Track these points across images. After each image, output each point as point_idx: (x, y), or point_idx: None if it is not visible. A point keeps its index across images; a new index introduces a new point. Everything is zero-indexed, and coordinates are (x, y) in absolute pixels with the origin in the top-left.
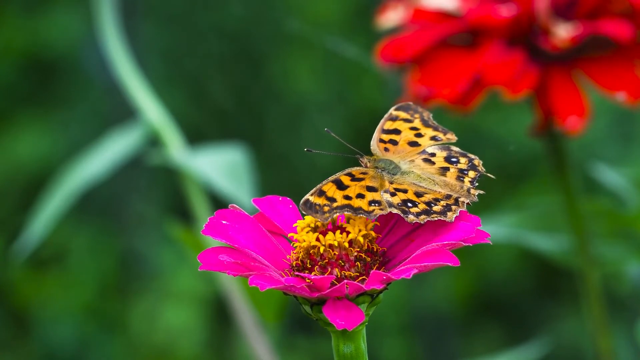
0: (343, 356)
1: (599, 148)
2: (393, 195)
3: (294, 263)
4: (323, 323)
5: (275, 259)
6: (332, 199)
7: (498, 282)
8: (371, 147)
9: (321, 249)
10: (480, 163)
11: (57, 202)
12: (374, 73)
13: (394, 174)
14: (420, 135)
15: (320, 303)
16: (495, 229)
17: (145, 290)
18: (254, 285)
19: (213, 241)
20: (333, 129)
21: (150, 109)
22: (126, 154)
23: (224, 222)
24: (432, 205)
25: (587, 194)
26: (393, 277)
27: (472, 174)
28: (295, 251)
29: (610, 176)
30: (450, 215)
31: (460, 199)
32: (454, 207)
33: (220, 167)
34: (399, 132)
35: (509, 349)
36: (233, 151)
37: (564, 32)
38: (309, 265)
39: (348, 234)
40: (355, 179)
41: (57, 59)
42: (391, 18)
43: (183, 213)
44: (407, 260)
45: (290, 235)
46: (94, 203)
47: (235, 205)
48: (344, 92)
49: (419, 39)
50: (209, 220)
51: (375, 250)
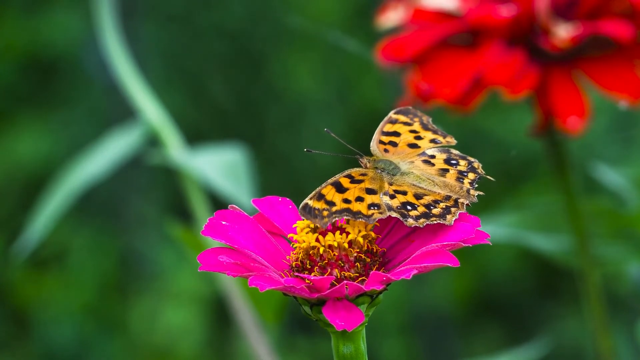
0: (343, 357)
1: (599, 148)
2: (392, 197)
3: (294, 264)
4: (323, 324)
5: (274, 259)
6: (332, 203)
7: (498, 282)
8: (371, 148)
9: (321, 250)
10: (480, 166)
11: (57, 202)
12: (374, 70)
13: (394, 175)
14: (419, 137)
15: (320, 304)
16: (495, 229)
17: (145, 290)
18: (253, 285)
19: (213, 241)
20: (333, 129)
21: (150, 109)
22: (126, 153)
23: (223, 223)
24: (432, 208)
25: (588, 194)
26: (393, 278)
27: (472, 176)
28: (294, 252)
29: (611, 176)
30: (450, 219)
31: (460, 200)
32: (453, 210)
33: (219, 167)
34: (398, 135)
35: (509, 349)
36: (233, 151)
37: (564, 32)
38: (308, 266)
39: (348, 234)
40: (354, 180)
41: (57, 59)
42: (391, 18)
43: (183, 213)
44: (407, 260)
45: (289, 235)
46: (94, 203)
47: (234, 205)
48: (344, 92)
49: (419, 39)
50: (208, 220)
51: (375, 250)
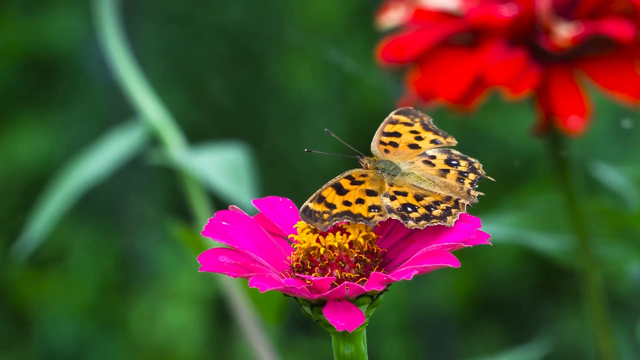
0: (343, 357)
1: (600, 148)
2: (393, 199)
3: (294, 264)
4: (323, 324)
5: (275, 260)
6: (332, 205)
7: (498, 282)
8: (371, 149)
9: (321, 250)
10: (481, 166)
11: (57, 202)
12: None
13: (394, 175)
14: (420, 138)
15: (320, 304)
16: (496, 229)
17: (145, 290)
18: (254, 286)
19: (213, 241)
20: (333, 129)
21: (150, 108)
22: (126, 153)
23: (224, 223)
24: (432, 209)
25: (588, 193)
26: (393, 279)
27: (472, 177)
28: (295, 252)
29: (611, 176)
30: (450, 220)
31: (461, 201)
32: (453, 211)
33: (220, 167)
34: (399, 135)
35: (509, 349)
36: (233, 151)
37: (565, 32)
38: (309, 267)
39: (348, 235)
40: (355, 182)
41: (57, 58)
42: (392, 18)
43: (183, 213)
44: (408, 261)
45: (290, 236)
46: (94, 203)
47: (235, 206)
48: (344, 92)
49: (420, 39)
50: (209, 221)
51: (375, 251)
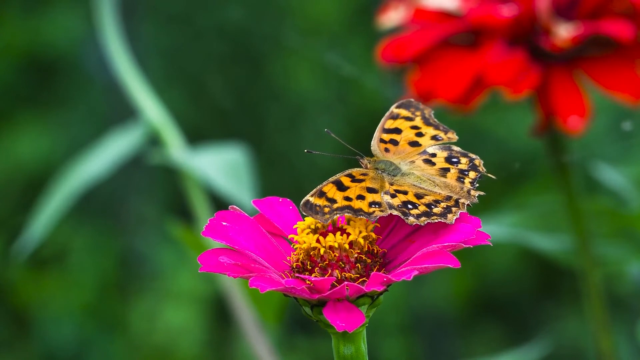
0: (343, 357)
1: (599, 148)
2: (393, 196)
3: (294, 264)
4: (323, 325)
5: (275, 260)
6: (333, 200)
7: (498, 282)
8: (371, 147)
9: (321, 251)
10: (481, 163)
11: (58, 202)
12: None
13: (394, 175)
14: (421, 134)
15: (320, 305)
16: (496, 229)
17: (145, 290)
18: (254, 287)
19: (214, 241)
20: (333, 129)
21: (150, 108)
22: (126, 153)
23: (224, 224)
24: (433, 207)
25: (588, 193)
26: (393, 279)
27: (473, 175)
28: (295, 253)
29: (611, 176)
30: (451, 217)
31: (461, 201)
32: (454, 209)
33: (220, 167)
34: (399, 132)
35: (509, 349)
36: (233, 151)
37: (565, 32)
38: (309, 267)
39: (348, 235)
40: (355, 180)
41: (57, 58)
42: (392, 18)
43: (183, 213)
44: (408, 261)
45: (290, 236)
46: (94, 203)
47: (235, 206)
48: (343, 92)
49: (420, 39)
50: (209, 221)
51: (375, 251)
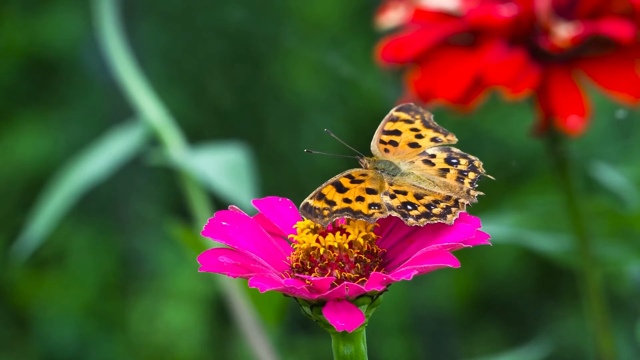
0: (343, 357)
1: (599, 148)
2: (393, 197)
3: (294, 264)
4: (323, 324)
5: (275, 260)
6: (332, 202)
7: (498, 282)
8: (371, 148)
9: (321, 251)
10: (481, 164)
11: (58, 202)
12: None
13: (394, 175)
14: (420, 136)
15: (320, 304)
16: (496, 229)
17: (145, 290)
18: (254, 286)
19: (213, 241)
20: (333, 129)
21: (150, 108)
22: (126, 153)
23: (223, 224)
24: (432, 207)
25: (588, 193)
26: (393, 279)
27: (472, 176)
28: (295, 252)
29: (611, 176)
30: (450, 218)
31: (460, 200)
32: (453, 210)
33: (220, 167)
34: (399, 134)
35: (509, 349)
36: (233, 151)
37: (564, 32)
38: (308, 267)
39: (348, 235)
40: (354, 181)
41: (57, 59)
42: (392, 18)
43: (183, 213)
44: (407, 261)
45: (290, 236)
46: (94, 203)
47: (234, 206)
48: (343, 93)
49: (419, 39)
50: (208, 221)
51: (375, 251)
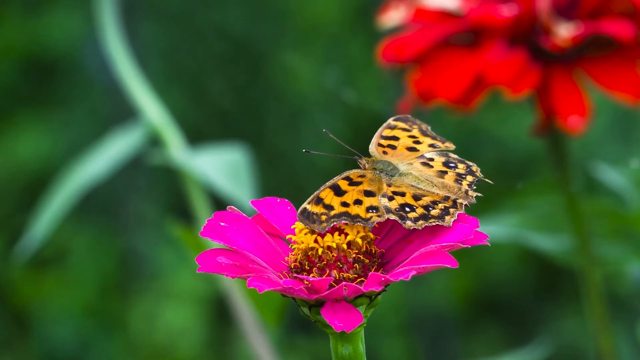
0: (341, 358)
1: (600, 147)
2: (391, 199)
3: (292, 265)
4: (321, 325)
5: (273, 260)
6: (330, 207)
7: (498, 282)
8: (370, 151)
9: (319, 251)
10: (478, 170)
11: (59, 203)
12: (375, 72)
13: (392, 176)
14: (418, 142)
15: (318, 305)
16: (496, 229)
17: (145, 290)
18: (252, 287)
19: (213, 242)
20: (333, 129)
21: (151, 108)
22: (127, 154)
23: (222, 224)
24: (430, 209)
25: (588, 193)
26: (391, 279)
27: (470, 178)
28: (293, 253)
29: (611, 176)
30: (449, 220)
31: (459, 201)
32: (452, 211)
33: (220, 167)
34: (397, 139)
35: (509, 349)
36: (233, 151)
37: (565, 32)
38: (307, 267)
39: (346, 235)
40: (353, 182)
41: (58, 59)
42: (392, 17)
43: (183, 213)
44: (406, 262)
45: (288, 236)
46: (94, 203)
47: (233, 207)
48: (344, 97)
49: (420, 39)
50: (207, 222)
51: (373, 251)
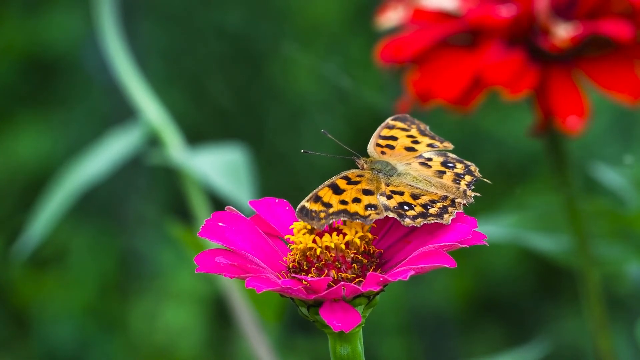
0: (340, 358)
1: (599, 148)
2: (389, 198)
3: (291, 265)
4: (320, 325)
5: (272, 260)
6: (328, 205)
7: (498, 282)
8: (368, 151)
9: (318, 251)
10: (477, 169)
11: (58, 202)
12: (375, 71)
13: (390, 176)
14: (417, 142)
15: (317, 305)
16: (495, 229)
17: (145, 290)
18: (250, 287)
19: (212, 242)
20: (333, 129)
21: (150, 109)
22: (126, 154)
23: (220, 224)
24: (429, 207)
25: (587, 193)
26: (390, 279)
27: (469, 178)
28: (291, 253)
29: (610, 176)
30: (447, 218)
31: (457, 200)
32: (450, 209)
33: (220, 167)
34: (395, 139)
35: (509, 348)
36: (233, 151)
37: (563, 32)
38: (305, 267)
39: (345, 235)
40: (351, 182)
41: (57, 59)
42: (391, 18)
43: (183, 213)
44: (404, 261)
45: (286, 237)
46: (94, 203)
47: (231, 207)
48: (343, 93)
49: (418, 39)
50: (205, 222)
51: (371, 251)
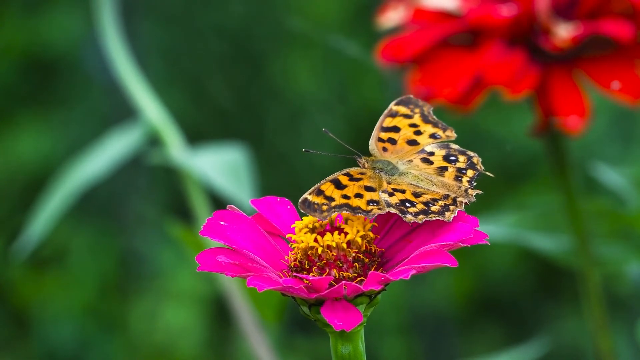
0: (341, 357)
1: (599, 148)
2: (391, 195)
3: (292, 264)
4: (321, 324)
5: (273, 259)
6: (331, 198)
7: (498, 282)
8: (369, 147)
9: (319, 250)
10: (480, 161)
11: (57, 202)
12: (374, 71)
13: (392, 175)
14: (419, 132)
15: (318, 304)
16: (496, 229)
17: (145, 290)
18: (251, 286)
19: (213, 241)
20: (333, 129)
21: (150, 108)
22: (126, 153)
23: (222, 223)
24: (430, 205)
25: (587, 193)
26: (391, 278)
27: (471, 173)
28: (293, 252)
29: (611, 176)
30: (449, 215)
31: (458, 199)
32: (452, 207)
33: (220, 167)
34: (398, 130)
35: (509, 348)
36: (233, 151)
37: (564, 32)
38: (307, 266)
39: (346, 234)
40: (353, 179)
41: (57, 59)
42: (392, 18)
43: (183, 213)
44: (405, 261)
45: (288, 236)
46: (94, 203)
47: (233, 206)
48: (344, 92)
49: (419, 39)
50: (207, 221)
51: (373, 251)
